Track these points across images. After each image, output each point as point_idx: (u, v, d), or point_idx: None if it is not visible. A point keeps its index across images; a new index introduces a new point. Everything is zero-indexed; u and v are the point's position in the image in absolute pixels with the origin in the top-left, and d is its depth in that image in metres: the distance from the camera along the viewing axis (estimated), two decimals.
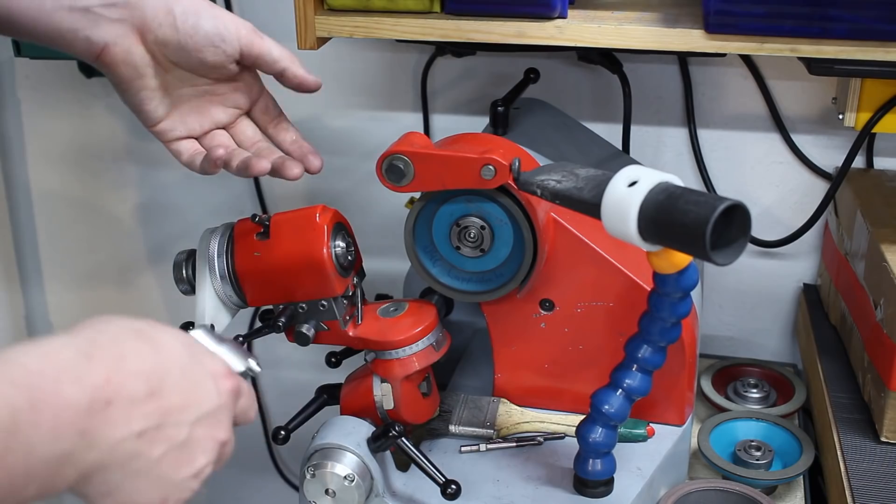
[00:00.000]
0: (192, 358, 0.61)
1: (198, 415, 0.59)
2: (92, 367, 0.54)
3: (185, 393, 0.59)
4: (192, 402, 0.59)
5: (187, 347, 0.61)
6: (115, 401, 0.54)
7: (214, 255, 0.88)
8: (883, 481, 0.95)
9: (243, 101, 0.87)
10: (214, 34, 0.80)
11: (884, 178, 1.21)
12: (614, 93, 1.26)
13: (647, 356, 0.84)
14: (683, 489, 0.94)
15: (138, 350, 0.57)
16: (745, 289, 1.34)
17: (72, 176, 1.53)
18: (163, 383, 0.57)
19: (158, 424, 0.57)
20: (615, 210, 0.73)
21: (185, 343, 0.61)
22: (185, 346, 0.61)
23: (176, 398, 0.58)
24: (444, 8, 0.99)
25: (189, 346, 0.61)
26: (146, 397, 0.56)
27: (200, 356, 0.62)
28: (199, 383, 0.60)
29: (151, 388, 0.56)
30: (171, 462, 0.58)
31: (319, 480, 0.87)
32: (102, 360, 0.54)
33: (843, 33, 0.90)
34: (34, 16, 0.77)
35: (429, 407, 0.95)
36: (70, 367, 0.53)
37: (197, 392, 0.60)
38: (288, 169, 0.84)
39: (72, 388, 0.52)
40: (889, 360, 0.98)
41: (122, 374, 0.55)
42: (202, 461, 0.60)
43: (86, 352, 0.54)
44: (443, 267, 0.92)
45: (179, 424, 0.58)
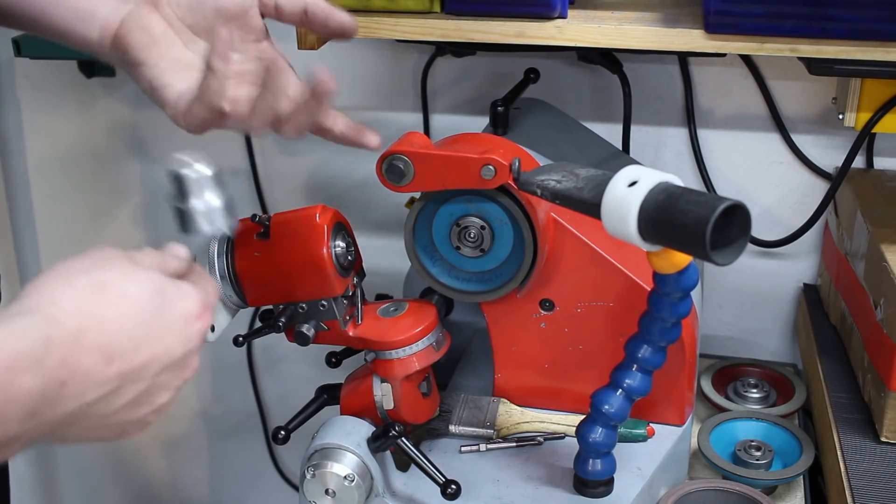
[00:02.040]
0: (160, 307, 0.59)
1: (162, 366, 0.58)
2: (49, 353, 0.53)
3: (149, 348, 0.57)
4: (156, 355, 0.58)
5: (155, 295, 0.59)
6: (70, 380, 0.53)
7: (214, 255, 0.88)
8: (883, 481, 0.95)
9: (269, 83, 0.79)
10: None
11: (884, 178, 1.21)
12: (614, 93, 1.26)
13: (647, 356, 0.84)
14: (683, 489, 0.94)
15: (99, 315, 0.55)
16: (745, 289, 1.34)
17: (72, 176, 1.53)
18: (123, 347, 0.56)
19: (116, 387, 0.56)
20: (615, 210, 0.73)
21: (154, 290, 0.59)
22: (152, 295, 0.58)
23: (137, 358, 0.57)
24: (444, 8, 0.99)
25: (158, 293, 0.59)
26: (103, 366, 0.55)
27: (170, 301, 0.60)
28: (166, 334, 0.59)
29: (109, 357, 0.55)
30: (129, 410, 0.58)
31: (319, 480, 0.87)
32: (60, 343, 0.53)
33: (843, 33, 0.90)
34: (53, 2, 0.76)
35: (429, 407, 0.95)
36: (27, 354, 0.52)
37: (163, 343, 0.58)
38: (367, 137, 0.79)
39: (27, 378, 0.51)
40: (889, 360, 0.98)
41: (78, 351, 0.54)
42: (163, 399, 0.60)
43: (44, 337, 0.53)
44: (443, 267, 0.92)
45: (139, 381, 0.57)
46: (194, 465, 1.72)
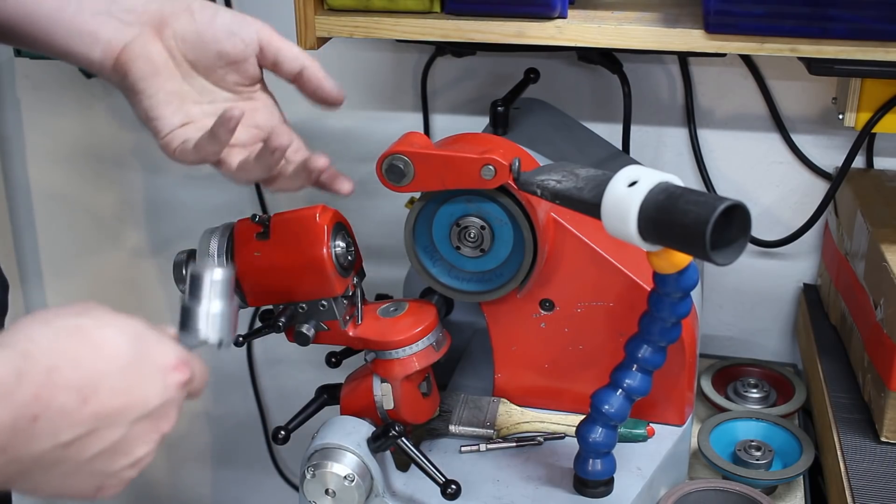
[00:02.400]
0: (138, 354, 0.59)
1: (139, 414, 0.58)
2: (21, 386, 0.52)
3: (126, 394, 0.57)
4: (132, 402, 0.58)
5: (133, 342, 0.59)
6: (43, 416, 0.53)
7: (214, 255, 0.88)
8: (883, 481, 0.95)
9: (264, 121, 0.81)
10: (232, 22, 0.77)
11: (884, 178, 1.21)
12: (614, 93, 1.26)
13: (647, 356, 0.84)
14: (683, 489, 0.94)
15: (75, 356, 0.55)
16: (745, 289, 1.34)
17: (72, 176, 1.53)
18: (98, 388, 0.56)
19: (91, 430, 0.56)
20: (615, 210, 0.73)
21: (132, 336, 0.59)
22: (130, 341, 0.59)
23: (114, 401, 0.56)
24: (444, 8, 0.99)
25: (137, 340, 0.59)
26: (78, 406, 0.55)
27: (149, 350, 0.60)
28: (143, 382, 0.59)
29: (85, 397, 0.55)
30: (106, 458, 0.57)
31: (319, 480, 0.87)
32: (33, 377, 0.53)
33: (843, 33, 0.90)
34: (55, 20, 0.76)
35: (429, 407, 0.95)
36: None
37: (139, 390, 0.58)
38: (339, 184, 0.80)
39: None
40: (889, 360, 0.98)
41: (52, 387, 0.54)
42: (141, 452, 0.59)
43: (17, 369, 0.53)
44: (443, 267, 0.92)
45: (115, 426, 0.57)
46: (194, 465, 1.72)
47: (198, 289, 0.71)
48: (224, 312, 0.71)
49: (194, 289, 0.71)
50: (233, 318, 0.71)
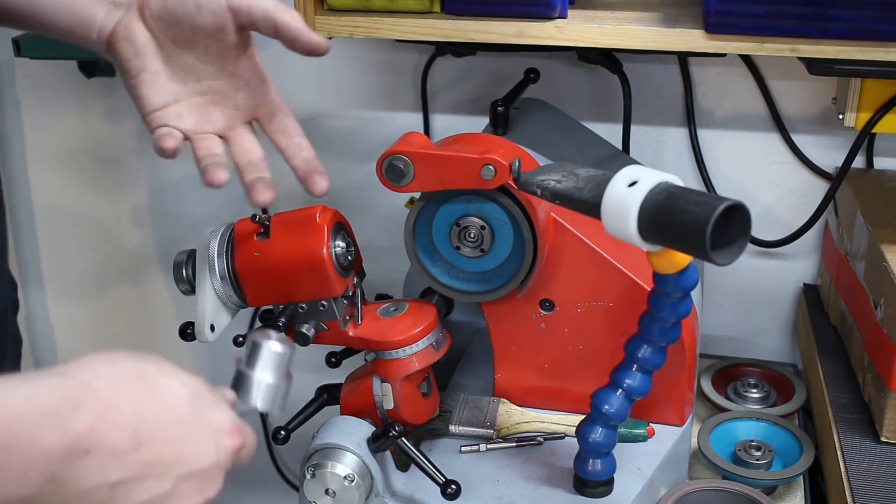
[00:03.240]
0: (196, 411, 0.59)
1: (188, 470, 0.58)
2: (77, 416, 0.52)
3: (178, 446, 0.57)
4: (183, 456, 0.57)
5: (193, 398, 0.59)
6: (94, 451, 0.53)
7: (214, 255, 0.88)
8: (883, 481, 0.95)
9: (245, 101, 0.81)
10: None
11: (884, 178, 1.21)
12: (614, 93, 1.26)
13: (647, 356, 0.84)
14: (683, 489, 0.94)
15: (135, 397, 0.56)
16: (745, 289, 1.34)
17: (72, 176, 1.53)
18: (153, 435, 0.56)
19: (139, 475, 0.55)
20: (615, 210, 0.73)
21: (193, 393, 0.59)
22: (190, 397, 0.59)
23: (166, 451, 0.56)
24: (444, 8, 0.99)
25: (196, 397, 0.59)
26: (131, 448, 0.54)
27: (206, 409, 0.60)
28: (197, 439, 0.58)
29: (138, 440, 0.55)
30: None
31: (319, 480, 0.87)
32: (90, 410, 0.53)
33: (843, 33, 0.90)
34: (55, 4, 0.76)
35: (429, 407, 0.95)
36: (54, 412, 0.51)
37: (192, 447, 0.58)
38: (257, 192, 0.79)
39: (50, 436, 0.51)
40: (889, 360, 0.98)
41: (108, 424, 0.53)
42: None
43: (75, 398, 0.53)
44: (443, 267, 0.92)
45: (164, 477, 0.56)
46: None
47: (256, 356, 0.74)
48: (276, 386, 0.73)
49: (253, 355, 0.74)
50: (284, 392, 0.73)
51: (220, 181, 0.78)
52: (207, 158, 0.78)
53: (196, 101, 0.80)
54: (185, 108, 0.79)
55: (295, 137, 0.81)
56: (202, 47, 0.77)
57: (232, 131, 0.82)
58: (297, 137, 0.81)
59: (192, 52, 0.78)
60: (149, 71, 0.77)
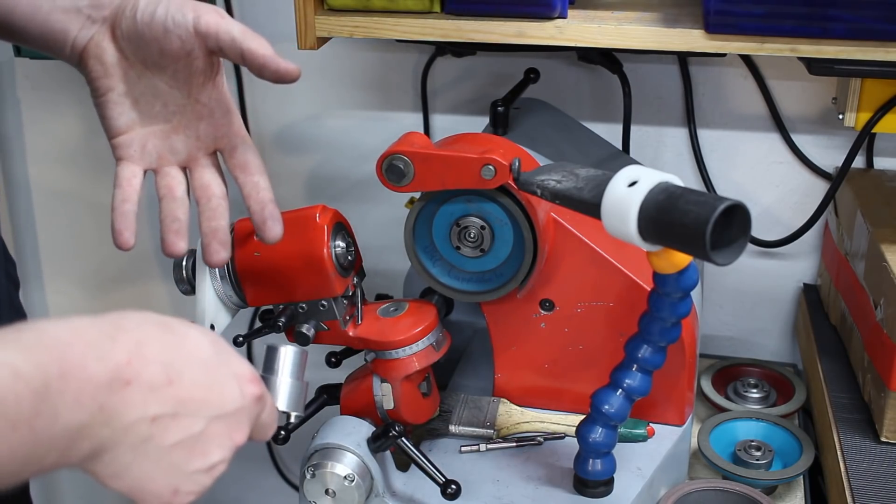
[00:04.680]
0: (218, 356, 0.61)
1: (217, 412, 0.59)
2: (115, 348, 0.55)
3: (206, 388, 0.59)
4: (212, 398, 0.59)
5: (214, 345, 0.61)
6: (134, 382, 0.55)
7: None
8: (883, 481, 0.95)
9: (206, 132, 0.79)
10: (167, 16, 0.73)
11: (884, 178, 1.21)
12: (614, 93, 1.26)
13: (647, 356, 0.84)
14: (683, 489, 0.94)
15: (161, 339, 0.58)
16: (745, 289, 1.34)
17: (72, 176, 1.53)
18: (182, 374, 0.58)
19: (175, 412, 0.57)
20: (615, 210, 0.73)
21: (213, 341, 0.62)
22: (211, 344, 0.61)
23: (196, 391, 0.58)
24: (444, 8, 0.99)
25: (216, 345, 0.62)
26: (164, 384, 0.56)
27: (227, 356, 0.62)
28: (222, 382, 0.60)
29: (170, 377, 0.57)
30: (184, 452, 0.58)
31: (319, 480, 0.87)
32: (125, 343, 0.56)
33: (843, 33, 0.90)
34: (31, 18, 0.76)
35: (429, 407, 0.95)
36: (95, 343, 0.54)
37: (218, 389, 0.60)
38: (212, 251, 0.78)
39: (96, 364, 0.53)
40: (889, 360, 0.98)
41: (142, 358, 0.56)
42: (216, 457, 0.60)
43: (109, 333, 0.55)
44: (443, 267, 0.92)
45: (196, 416, 0.58)
46: None
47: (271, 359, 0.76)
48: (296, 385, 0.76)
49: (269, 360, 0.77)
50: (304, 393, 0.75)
51: (180, 252, 0.80)
52: (170, 224, 0.81)
53: (160, 128, 0.79)
54: (149, 136, 0.80)
55: (254, 175, 0.79)
56: (170, 71, 0.76)
57: (194, 162, 0.81)
58: (257, 175, 0.79)
59: (161, 76, 0.77)
60: (116, 91, 0.77)
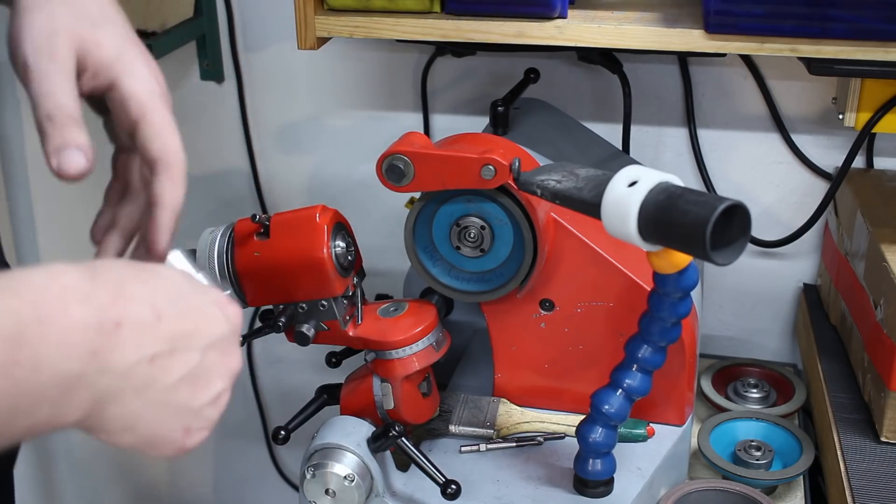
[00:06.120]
0: (194, 287, 0.60)
1: (209, 340, 0.58)
2: (96, 288, 0.52)
3: (193, 318, 0.58)
4: (200, 327, 0.58)
5: (188, 278, 0.60)
6: (125, 322, 0.53)
7: (214, 255, 0.88)
8: (883, 481, 0.95)
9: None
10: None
11: (884, 178, 1.21)
12: (614, 93, 1.26)
13: (647, 356, 0.84)
14: (683, 489, 0.94)
15: (139, 277, 0.56)
16: (745, 289, 1.34)
17: None
18: (168, 309, 0.56)
19: (171, 349, 0.55)
20: (615, 210, 0.73)
21: (183, 273, 0.61)
22: (183, 276, 0.60)
23: (184, 323, 0.57)
24: (444, 8, 0.99)
25: (188, 277, 0.61)
26: (154, 321, 0.54)
27: (201, 286, 0.61)
28: (205, 310, 0.59)
29: (158, 313, 0.55)
30: (188, 388, 0.57)
31: (319, 480, 0.87)
32: (106, 283, 0.53)
33: (843, 33, 0.90)
34: None
35: (429, 407, 0.95)
36: (75, 285, 0.51)
37: (204, 317, 0.59)
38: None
39: (79, 307, 0.51)
40: (889, 360, 0.98)
41: (126, 296, 0.53)
42: (219, 386, 0.59)
43: (88, 275, 0.53)
44: (443, 267, 0.92)
45: (191, 349, 0.57)
46: (194, 465, 1.72)
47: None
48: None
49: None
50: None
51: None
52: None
53: None
54: None
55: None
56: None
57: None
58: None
59: None
60: None
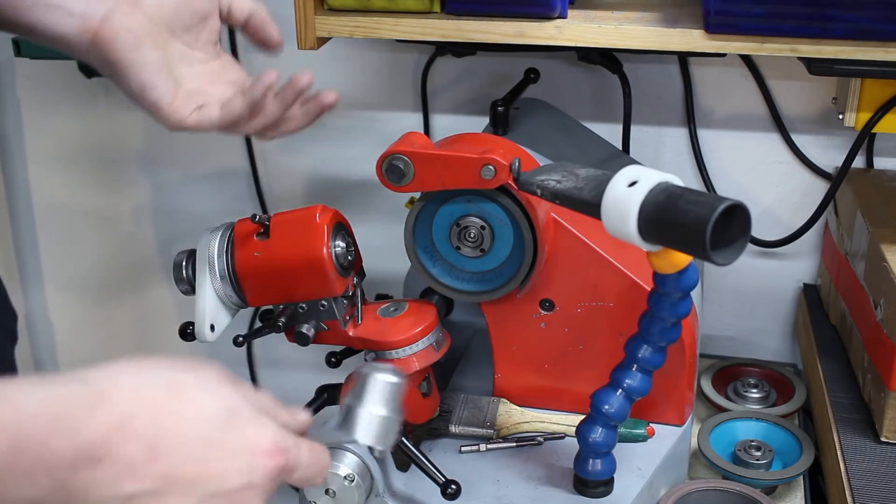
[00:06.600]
0: (227, 428, 0.56)
1: (215, 490, 0.55)
2: (90, 423, 0.51)
3: (202, 464, 0.55)
4: (206, 475, 0.55)
5: (228, 413, 0.57)
6: (107, 460, 0.51)
7: (214, 255, 0.88)
8: (883, 481, 0.95)
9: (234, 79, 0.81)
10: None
11: (884, 178, 1.21)
12: (614, 93, 1.26)
13: (647, 356, 0.84)
14: (683, 489, 0.94)
15: (157, 410, 0.54)
16: (745, 289, 1.34)
17: (72, 176, 1.53)
18: (173, 449, 0.54)
19: (157, 490, 0.53)
20: (615, 210, 0.73)
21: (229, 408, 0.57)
22: (225, 412, 0.56)
23: (186, 468, 0.54)
24: (444, 8, 0.99)
25: (232, 413, 0.57)
26: (147, 461, 0.53)
27: (242, 426, 0.57)
28: (225, 458, 0.56)
29: (155, 454, 0.53)
30: None
31: None
32: (105, 417, 0.52)
33: (843, 33, 0.90)
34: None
35: (429, 407, 0.95)
36: (67, 418, 0.51)
37: (218, 465, 0.55)
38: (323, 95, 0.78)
39: (60, 442, 0.50)
40: (889, 360, 0.98)
41: (123, 435, 0.52)
42: None
43: (89, 406, 0.52)
44: (443, 267, 0.92)
45: (187, 494, 0.54)
46: None
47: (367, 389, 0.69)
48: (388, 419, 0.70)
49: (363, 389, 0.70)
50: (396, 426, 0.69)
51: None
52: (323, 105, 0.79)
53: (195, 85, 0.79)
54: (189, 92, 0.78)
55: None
56: (194, 34, 0.79)
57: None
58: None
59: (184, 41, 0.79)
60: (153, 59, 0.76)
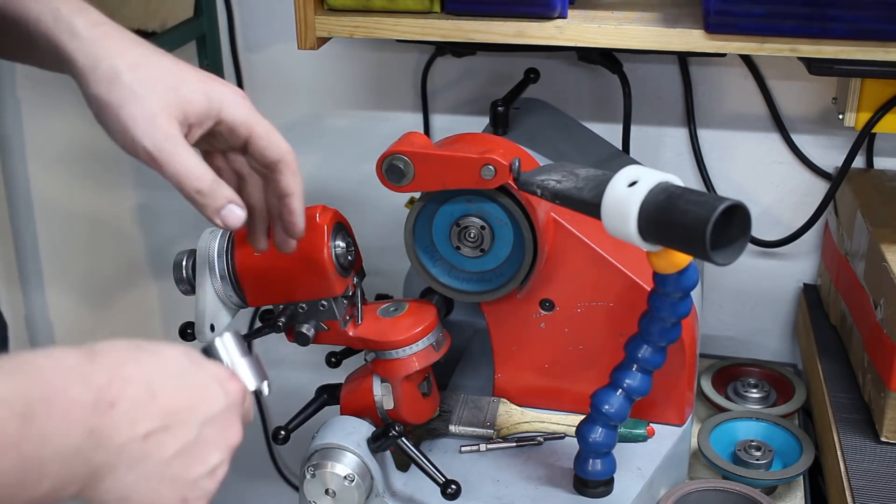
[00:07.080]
0: (193, 363, 0.62)
1: (206, 415, 0.60)
2: (94, 370, 0.55)
3: (189, 393, 0.60)
4: (197, 402, 0.60)
5: (187, 355, 0.62)
6: (119, 402, 0.55)
7: (214, 255, 0.88)
8: (883, 481, 0.95)
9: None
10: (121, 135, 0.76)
11: (884, 178, 1.21)
12: (614, 93, 1.26)
13: (647, 356, 0.84)
14: (683, 489, 0.94)
15: (136, 357, 0.58)
16: (745, 289, 1.34)
17: (72, 176, 1.53)
18: (164, 386, 0.58)
19: (165, 425, 0.57)
20: (615, 210, 0.73)
21: (185, 351, 0.62)
22: (184, 354, 0.62)
23: (180, 400, 0.59)
24: (444, 8, 0.99)
25: (188, 354, 0.62)
26: (148, 400, 0.57)
27: (202, 362, 0.63)
28: (204, 386, 0.61)
29: (153, 391, 0.57)
30: (184, 462, 0.59)
31: (319, 480, 0.87)
32: (103, 365, 0.56)
33: (843, 33, 0.90)
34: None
35: (429, 407, 0.95)
36: (75, 367, 0.55)
37: (202, 394, 0.61)
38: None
39: (78, 387, 0.54)
40: (889, 360, 0.98)
41: (123, 377, 0.56)
42: (215, 459, 0.61)
43: (87, 357, 0.56)
44: (443, 267, 0.92)
45: (187, 424, 0.59)
46: None
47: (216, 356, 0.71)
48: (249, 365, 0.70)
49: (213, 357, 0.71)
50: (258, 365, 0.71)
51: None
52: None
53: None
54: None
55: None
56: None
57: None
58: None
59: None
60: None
